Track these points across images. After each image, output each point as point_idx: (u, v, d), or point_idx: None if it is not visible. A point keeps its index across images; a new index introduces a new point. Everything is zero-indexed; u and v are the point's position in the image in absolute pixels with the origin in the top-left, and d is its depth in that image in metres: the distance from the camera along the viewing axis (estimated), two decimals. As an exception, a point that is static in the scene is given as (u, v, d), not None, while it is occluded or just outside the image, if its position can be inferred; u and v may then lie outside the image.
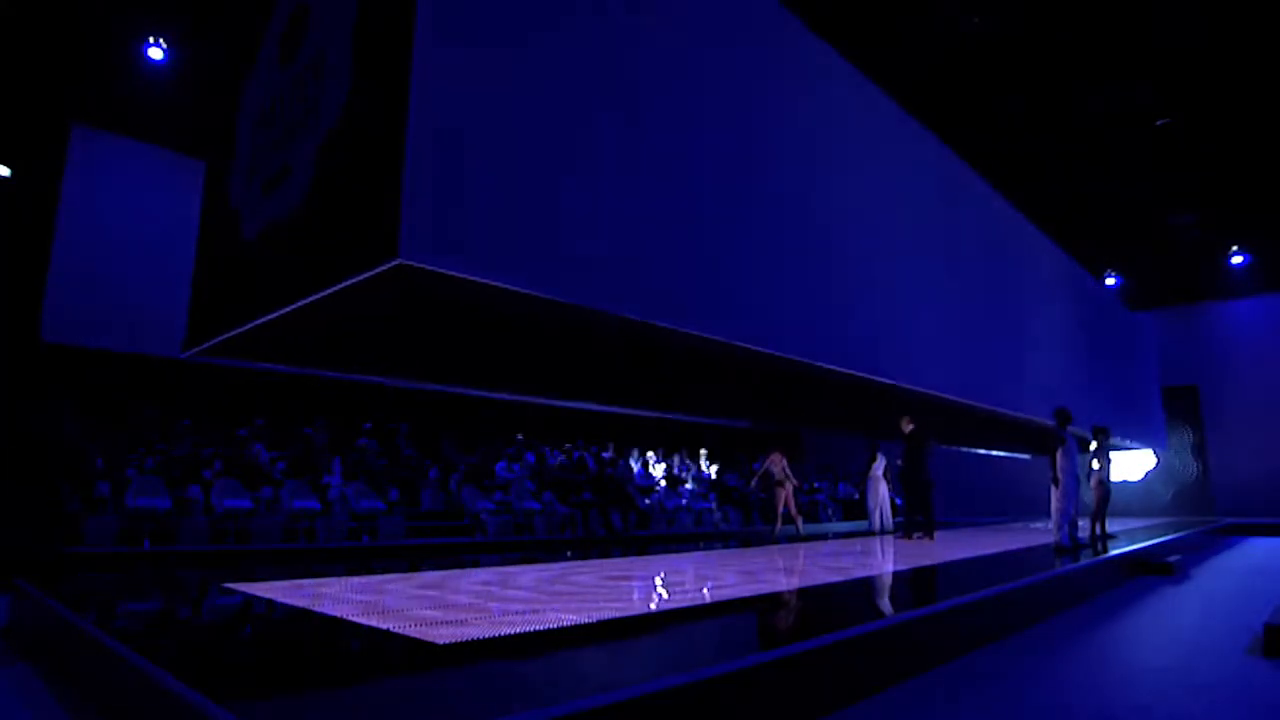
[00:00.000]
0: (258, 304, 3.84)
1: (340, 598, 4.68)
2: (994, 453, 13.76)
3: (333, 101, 3.52)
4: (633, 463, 15.72)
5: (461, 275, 3.19)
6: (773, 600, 5.03)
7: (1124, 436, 12.65)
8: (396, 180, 2.95)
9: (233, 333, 4.14)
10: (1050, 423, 8.65)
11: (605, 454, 15.75)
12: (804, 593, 5.37)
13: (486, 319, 5.20)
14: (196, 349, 4.59)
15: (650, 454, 16.77)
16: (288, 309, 3.61)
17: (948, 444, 12.20)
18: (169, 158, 12.05)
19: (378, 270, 3.02)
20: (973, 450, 13.05)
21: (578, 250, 3.81)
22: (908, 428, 10.10)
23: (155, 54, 10.65)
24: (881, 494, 11.96)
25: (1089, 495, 9.32)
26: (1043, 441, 8.68)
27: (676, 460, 17.03)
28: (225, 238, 4.42)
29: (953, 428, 11.57)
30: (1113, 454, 11.88)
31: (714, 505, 15.24)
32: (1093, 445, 9.57)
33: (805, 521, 12.79)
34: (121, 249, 11.52)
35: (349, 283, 3.19)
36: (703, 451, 16.43)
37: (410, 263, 2.95)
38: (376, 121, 3.18)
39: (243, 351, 4.70)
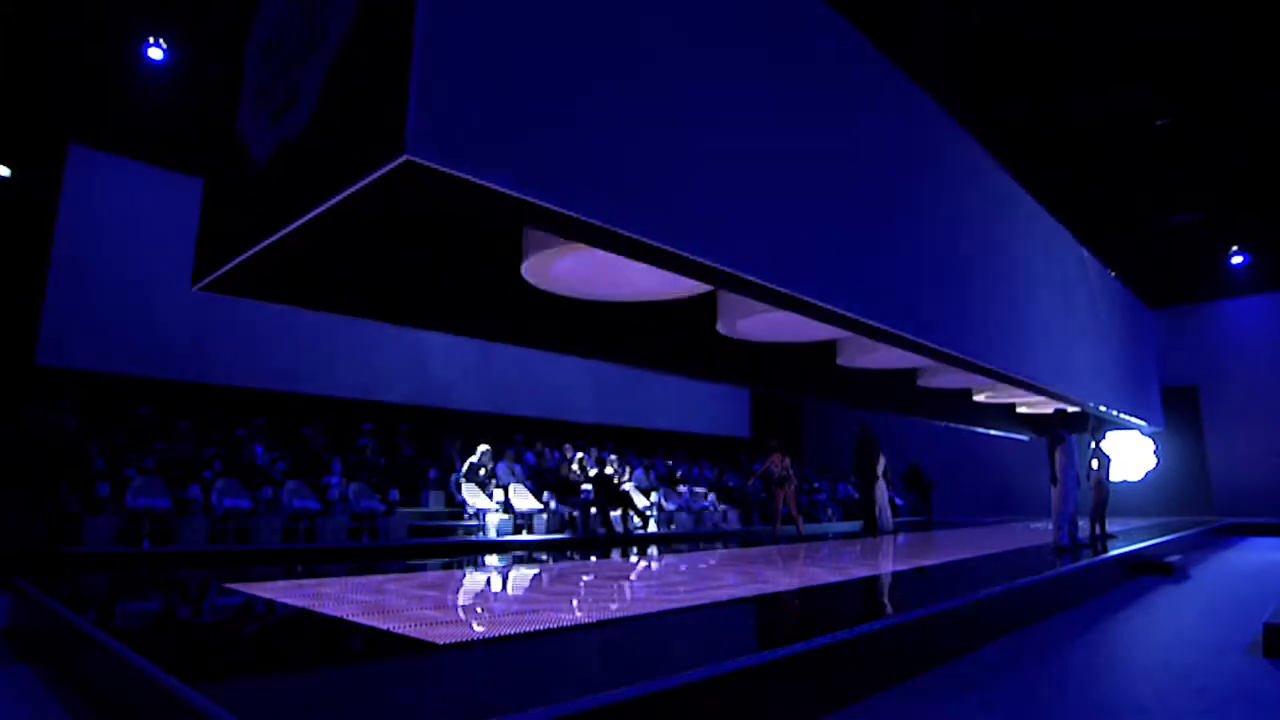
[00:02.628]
0: (267, 225, 3.76)
1: (340, 598, 4.68)
2: (992, 432, 13.75)
3: (341, 18, 3.47)
4: (632, 462, 15.73)
5: (471, 179, 3.07)
6: (773, 600, 5.03)
7: (1128, 413, 12.60)
8: (404, 80, 2.89)
9: (242, 257, 4.03)
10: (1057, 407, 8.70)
11: (605, 454, 15.76)
12: (804, 593, 5.37)
13: (501, 248, 5.15)
14: (206, 280, 4.51)
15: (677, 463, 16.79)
16: (297, 223, 3.51)
17: (952, 422, 12.25)
18: (168, 178, 11.81)
19: (385, 169, 2.93)
20: (971, 428, 13.03)
21: (600, 166, 3.70)
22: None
23: (155, 54, 10.64)
24: (881, 494, 11.96)
25: (1089, 495, 9.32)
26: (1042, 425, 8.77)
27: (672, 462, 17.04)
28: (232, 168, 4.32)
29: (955, 407, 11.65)
30: (1114, 435, 11.86)
31: (714, 505, 15.24)
32: (1091, 446, 9.58)
33: (805, 521, 12.79)
34: (121, 270, 11.37)
35: (358, 186, 3.10)
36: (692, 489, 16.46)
37: (417, 159, 2.86)
38: (383, 25, 3.12)
39: (252, 286, 4.61)
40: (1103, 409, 11.18)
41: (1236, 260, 17.53)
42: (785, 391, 9.24)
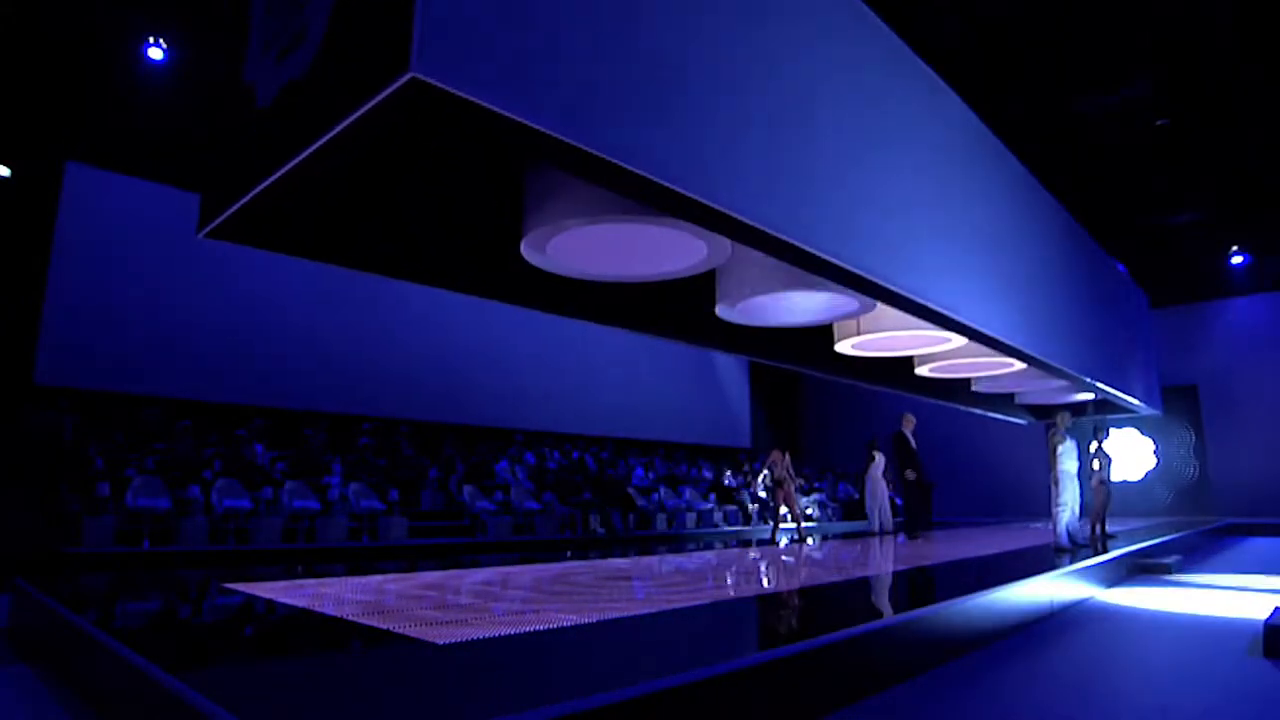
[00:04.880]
0: (272, 162, 3.67)
1: (340, 598, 4.68)
2: (992, 415, 13.71)
3: None
4: (632, 462, 15.73)
5: (477, 101, 2.99)
6: (772, 600, 5.03)
7: (1123, 391, 12.57)
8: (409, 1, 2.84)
9: (248, 198, 3.95)
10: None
11: (604, 454, 15.76)
12: (804, 593, 5.37)
13: (507, 203, 5.06)
14: (210, 226, 4.45)
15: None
16: (305, 154, 3.42)
17: (950, 401, 12.21)
18: (167, 193, 11.67)
19: (391, 89, 2.87)
20: (971, 410, 12.98)
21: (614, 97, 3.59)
22: (910, 426, 10.26)
23: (155, 54, 10.63)
24: (881, 494, 11.95)
25: (1089, 495, 9.33)
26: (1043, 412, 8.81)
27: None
28: (238, 112, 4.24)
29: (954, 386, 11.66)
30: (1115, 433, 11.71)
31: (714, 505, 15.25)
32: (1092, 446, 9.57)
33: (805, 521, 12.79)
34: (119, 288, 11.31)
35: (364, 110, 3.03)
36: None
37: (423, 77, 2.80)
38: None
39: (256, 232, 4.53)
40: (1100, 385, 11.12)
41: (1236, 260, 17.53)
42: (781, 363, 9.15)
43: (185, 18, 10.46)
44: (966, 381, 11.66)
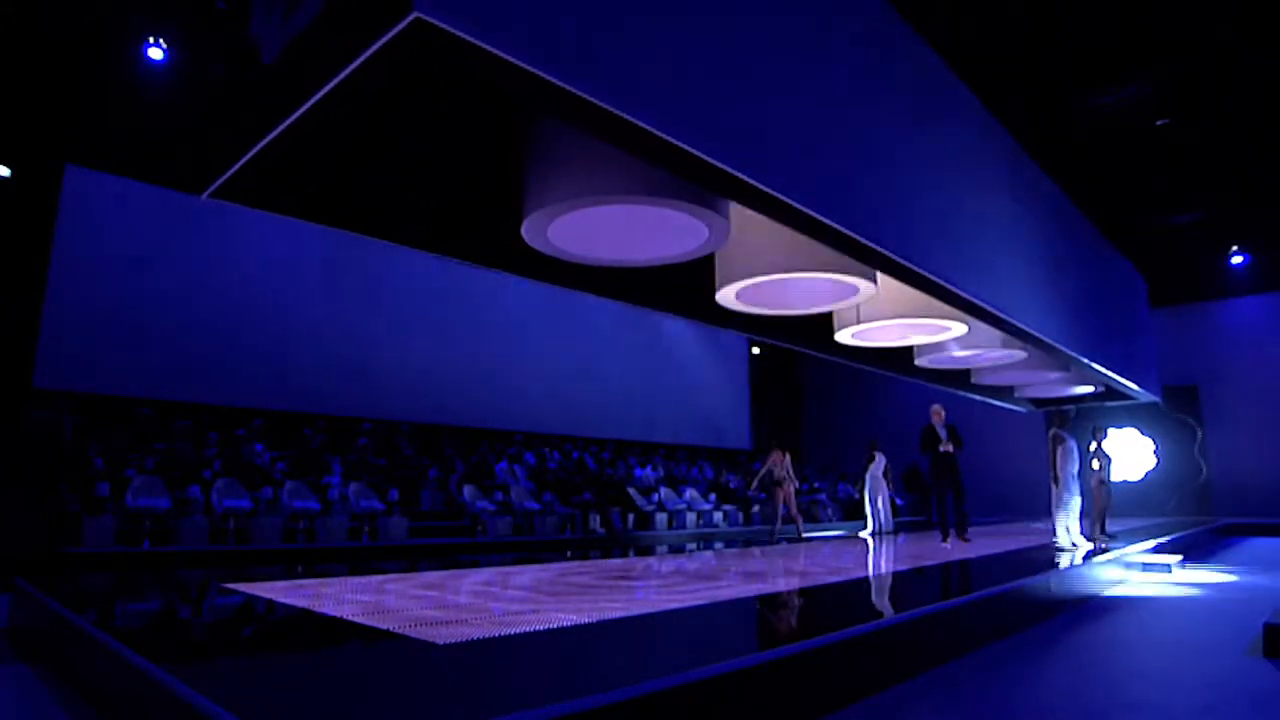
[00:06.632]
0: (275, 115, 3.63)
1: (340, 598, 4.68)
2: (993, 402, 13.66)
3: None
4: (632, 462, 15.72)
5: (481, 44, 2.92)
6: (772, 600, 5.03)
7: (1120, 375, 12.54)
8: None
9: (254, 150, 3.83)
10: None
11: (605, 454, 15.76)
12: (804, 593, 5.37)
13: (513, 169, 4.99)
14: (214, 186, 4.39)
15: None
16: (310, 102, 3.33)
17: (950, 388, 12.19)
18: (166, 195, 11.59)
19: (395, 31, 2.81)
20: (969, 396, 12.93)
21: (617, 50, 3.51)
22: (939, 418, 10.07)
23: (155, 54, 10.62)
24: (882, 494, 11.95)
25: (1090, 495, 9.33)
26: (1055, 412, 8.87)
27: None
28: (242, 72, 4.23)
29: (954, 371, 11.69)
30: (1114, 431, 11.64)
31: (714, 505, 15.24)
32: (1092, 446, 9.58)
33: (805, 521, 12.79)
34: (118, 292, 11.24)
35: (368, 54, 2.98)
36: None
37: (425, 17, 2.73)
38: None
39: (259, 192, 4.44)
40: (1095, 367, 11.09)
41: (1236, 260, 17.53)
42: (781, 342, 9.11)
43: (185, 18, 10.45)
44: (966, 371, 11.65)
